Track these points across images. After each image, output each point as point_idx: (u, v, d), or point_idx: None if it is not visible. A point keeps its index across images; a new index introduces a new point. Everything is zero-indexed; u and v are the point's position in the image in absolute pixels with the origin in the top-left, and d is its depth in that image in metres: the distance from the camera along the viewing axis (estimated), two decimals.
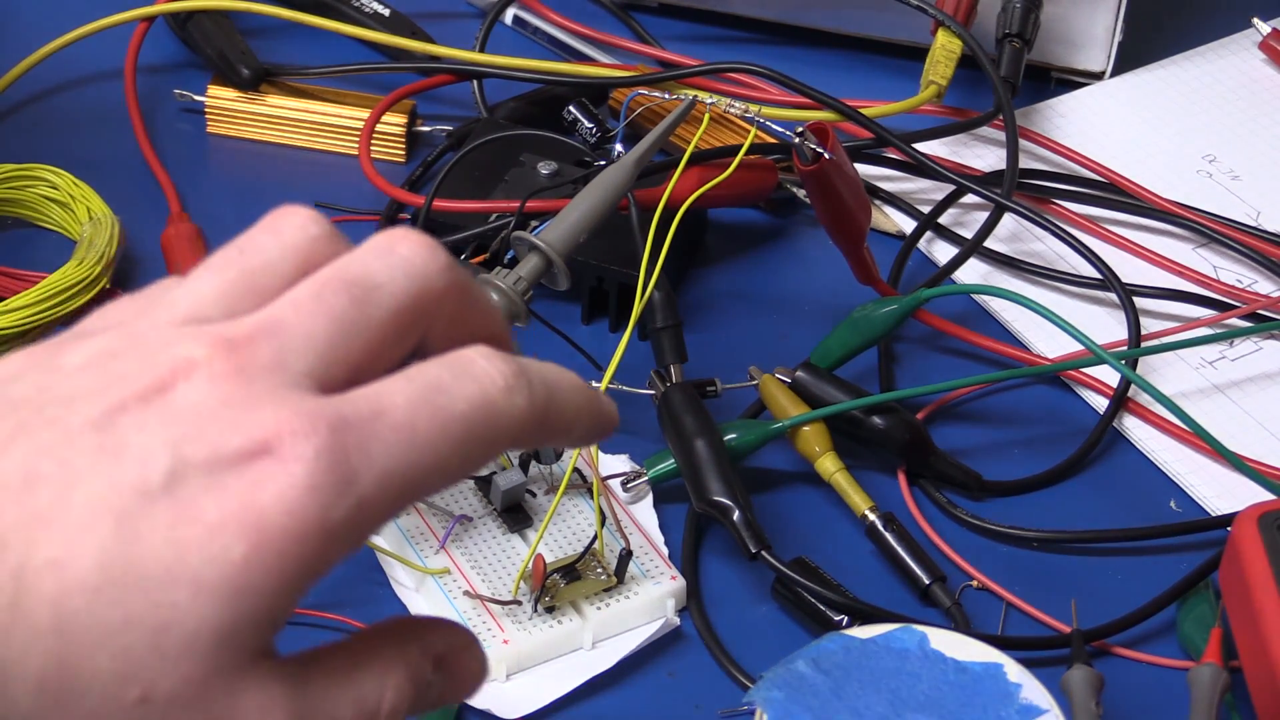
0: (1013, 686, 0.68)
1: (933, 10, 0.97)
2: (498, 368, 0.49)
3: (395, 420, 0.47)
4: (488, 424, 0.49)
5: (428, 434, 0.48)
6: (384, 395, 0.48)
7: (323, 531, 0.46)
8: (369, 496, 0.47)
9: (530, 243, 0.78)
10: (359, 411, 0.47)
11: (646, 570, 0.78)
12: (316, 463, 0.46)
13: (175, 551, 0.45)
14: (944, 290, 0.89)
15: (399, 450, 0.47)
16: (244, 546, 0.45)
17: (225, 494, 0.45)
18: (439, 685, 0.52)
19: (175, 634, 0.45)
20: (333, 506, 0.46)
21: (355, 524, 0.47)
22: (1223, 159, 1.00)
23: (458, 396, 0.48)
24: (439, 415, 0.48)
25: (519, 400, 0.49)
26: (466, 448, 0.49)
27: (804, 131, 0.82)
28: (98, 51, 1.00)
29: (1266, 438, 0.86)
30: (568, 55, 1.03)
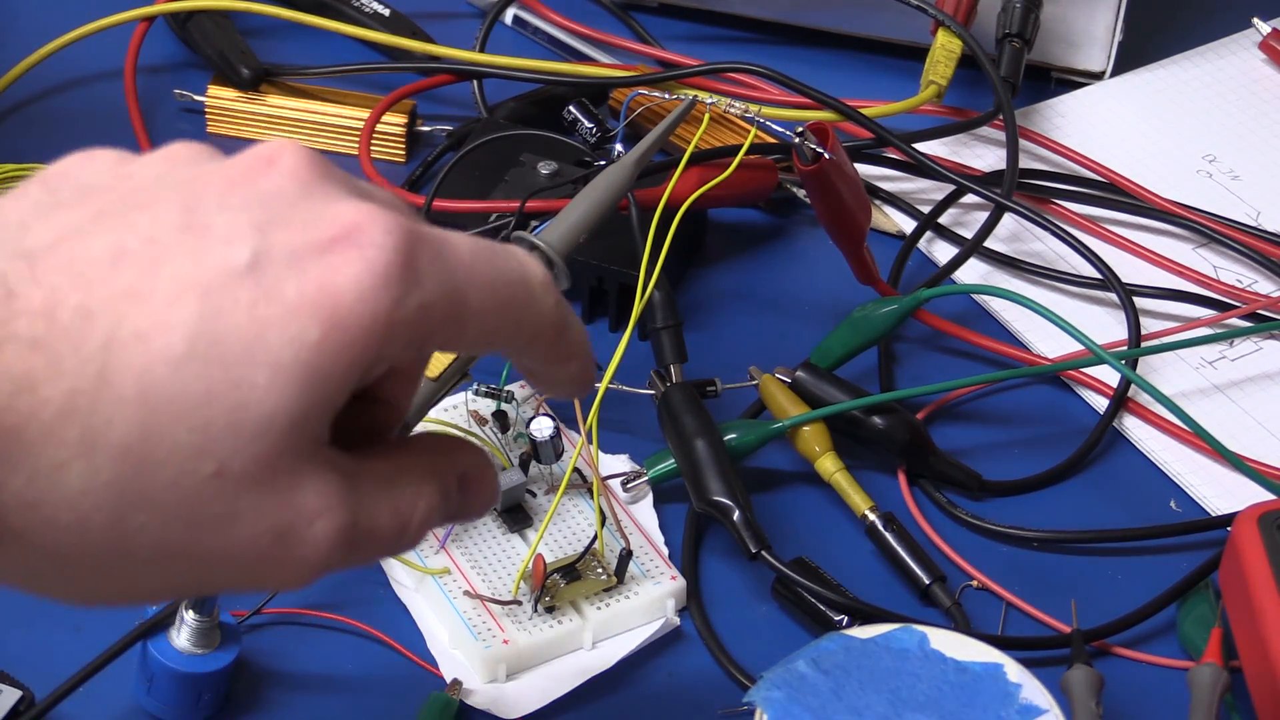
0: (1013, 686, 0.68)
1: (933, 10, 0.97)
2: (536, 265, 0.53)
3: (458, 252, 0.50)
4: (526, 300, 0.52)
5: (483, 275, 0.51)
6: (451, 235, 0.51)
7: (389, 323, 0.48)
8: (430, 301, 0.49)
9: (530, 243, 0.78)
10: (432, 232, 0.50)
11: (646, 570, 0.78)
12: (395, 255, 0.48)
13: (256, 330, 0.47)
14: (944, 290, 0.89)
15: (457, 275, 0.50)
16: (319, 329, 0.47)
17: (305, 276, 0.47)
18: (457, 501, 0.54)
19: (253, 414, 0.47)
20: (399, 301, 0.48)
21: (416, 324, 0.49)
22: (1223, 159, 1.00)
23: (508, 264, 0.52)
24: (492, 267, 0.51)
25: (551, 296, 0.53)
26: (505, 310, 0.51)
27: (804, 131, 0.82)
28: (98, 51, 0.99)
29: (1266, 438, 0.86)
30: (568, 55, 1.03)
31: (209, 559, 0.48)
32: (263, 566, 0.49)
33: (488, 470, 0.55)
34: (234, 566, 0.49)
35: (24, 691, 0.72)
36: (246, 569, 0.49)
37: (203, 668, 0.72)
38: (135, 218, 0.48)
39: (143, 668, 0.72)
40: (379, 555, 0.52)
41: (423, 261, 0.49)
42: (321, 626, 0.77)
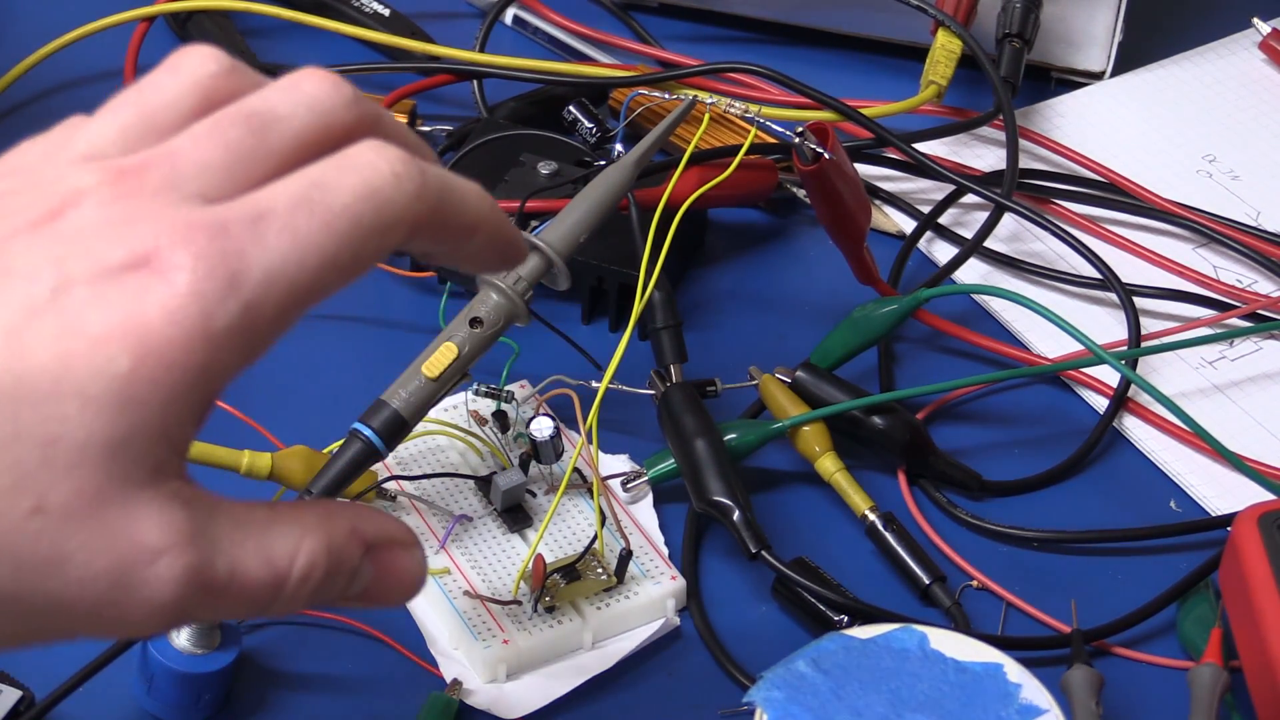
0: (1013, 686, 0.68)
1: (933, 10, 0.97)
2: (385, 157, 0.49)
3: (276, 222, 0.48)
4: (375, 213, 0.49)
5: (309, 231, 0.48)
6: (265, 199, 0.48)
7: (208, 337, 0.46)
8: (255, 300, 0.47)
9: (530, 243, 0.78)
10: (239, 216, 0.47)
11: (646, 570, 0.78)
12: (195, 270, 0.46)
13: (61, 364, 0.45)
14: (944, 290, 0.89)
15: (281, 250, 0.47)
16: (129, 358, 0.46)
17: (109, 306, 0.46)
18: (366, 576, 0.51)
19: (64, 446, 0.45)
20: (216, 312, 0.46)
21: (244, 328, 0.47)
22: (1223, 159, 1.00)
23: (340, 189, 0.49)
24: (320, 210, 0.48)
25: (407, 187, 0.49)
26: (355, 240, 0.49)
27: (804, 131, 0.82)
28: (98, 51, 0.99)
29: (1266, 438, 0.86)
30: (568, 55, 1.03)
31: (46, 606, 0.46)
32: (106, 611, 0.47)
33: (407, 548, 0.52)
34: (75, 613, 0.47)
35: (24, 691, 0.72)
36: (89, 615, 0.47)
37: (203, 668, 0.72)
38: None
39: (143, 668, 0.72)
40: (253, 609, 0.49)
41: (233, 261, 0.47)
42: (321, 626, 0.77)
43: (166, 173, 0.48)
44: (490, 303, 0.76)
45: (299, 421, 0.83)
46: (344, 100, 0.51)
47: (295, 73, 0.51)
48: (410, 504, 0.79)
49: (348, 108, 0.51)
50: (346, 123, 0.51)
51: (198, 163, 0.49)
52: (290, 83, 0.51)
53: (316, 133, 0.50)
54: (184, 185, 0.48)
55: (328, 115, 0.50)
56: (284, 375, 0.86)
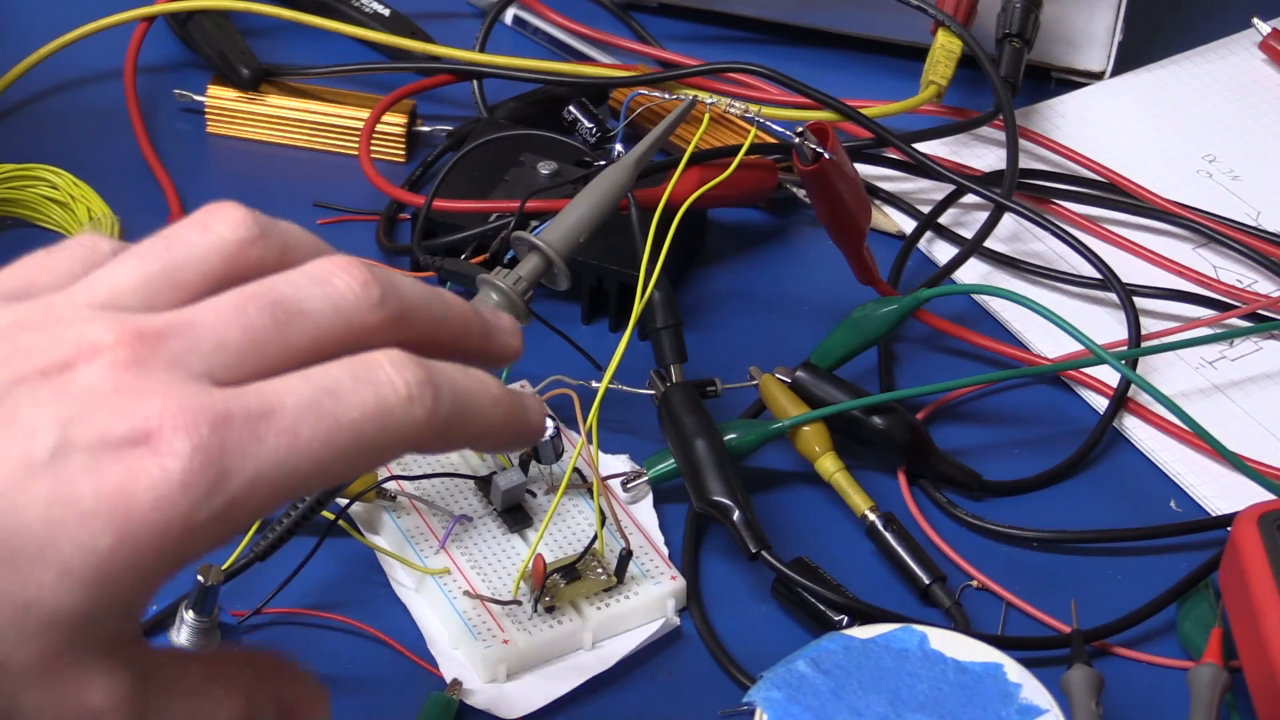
0: (1013, 686, 0.68)
1: (933, 10, 0.97)
2: (403, 375, 0.49)
3: (280, 423, 0.48)
4: (380, 432, 0.49)
5: (311, 440, 0.48)
6: (276, 394, 0.48)
7: (187, 528, 0.47)
8: (239, 497, 0.47)
9: (530, 243, 0.78)
10: (246, 408, 0.48)
11: (646, 570, 0.78)
12: (191, 460, 0.47)
13: (49, 532, 0.46)
14: (944, 290, 0.89)
15: (278, 454, 0.48)
16: (111, 538, 0.46)
17: (102, 479, 0.46)
18: None
19: (36, 612, 0.46)
20: (200, 505, 0.47)
21: (221, 522, 0.47)
22: (1223, 159, 1.00)
23: (351, 403, 0.49)
24: (326, 421, 0.48)
25: (418, 411, 0.50)
26: (353, 455, 0.49)
27: (804, 131, 0.82)
28: (98, 51, 1.00)
29: (1266, 438, 0.86)
30: (568, 55, 1.03)
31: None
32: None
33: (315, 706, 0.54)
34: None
35: None
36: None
37: None
38: None
39: None
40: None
41: (229, 457, 0.47)
42: (321, 626, 0.77)
43: (183, 345, 0.48)
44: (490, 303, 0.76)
45: None
46: (371, 302, 0.51)
47: (327, 261, 0.51)
48: (410, 504, 0.79)
49: (373, 310, 0.51)
50: (371, 325, 0.51)
51: (215, 341, 0.49)
52: (322, 275, 0.51)
53: (339, 331, 0.50)
54: (197, 362, 0.48)
55: (353, 317, 0.51)
56: None
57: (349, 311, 0.51)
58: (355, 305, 0.51)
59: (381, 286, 0.51)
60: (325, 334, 0.50)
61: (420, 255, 0.88)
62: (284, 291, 0.50)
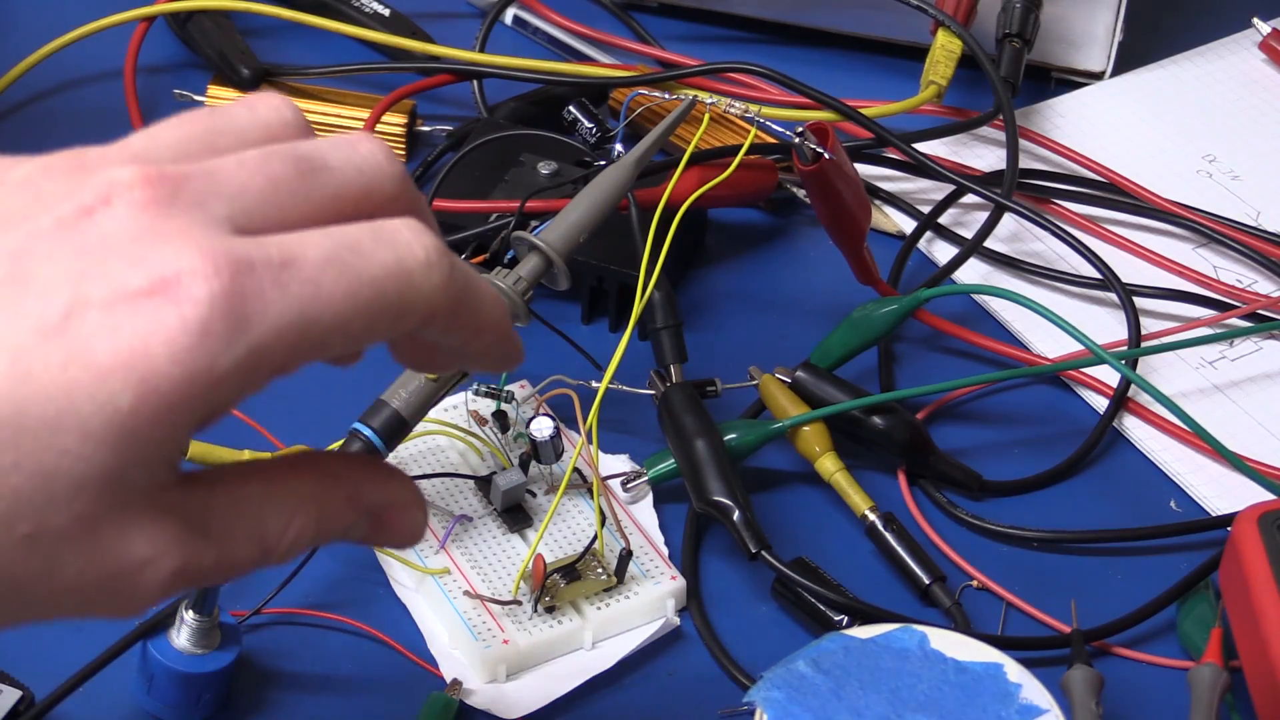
0: (1013, 686, 0.68)
1: (933, 10, 0.97)
2: (421, 241, 0.49)
3: (303, 272, 0.47)
4: (399, 293, 0.49)
5: (333, 291, 0.48)
6: (298, 245, 0.48)
7: (210, 378, 0.46)
8: (262, 344, 0.47)
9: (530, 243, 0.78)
10: (268, 256, 0.47)
11: (646, 570, 0.78)
12: (210, 307, 0.46)
13: (66, 396, 0.46)
14: (944, 290, 0.89)
15: (300, 301, 0.47)
16: (131, 395, 0.46)
17: (118, 335, 0.46)
18: (358, 532, 0.52)
19: (63, 479, 0.46)
20: (222, 353, 0.46)
21: (247, 370, 0.47)
22: (1223, 159, 1.00)
23: (373, 260, 0.49)
24: (348, 274, 0.48)
25: (435, 277, 0.50)
26: (372, 311, 0.49)
27: (804, 131, 0.82)
28: (98, 51, 1.00)
29: (1266, 438, 0.86)
30: (568, 55, 1.03)
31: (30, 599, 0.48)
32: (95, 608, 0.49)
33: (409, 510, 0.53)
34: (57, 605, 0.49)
35: (24, 691, 0.72)
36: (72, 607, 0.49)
37: (203, 668, 0.72)
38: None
39: (143, 668, 0.72)
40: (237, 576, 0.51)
41: (251, 302, 0.46)
42: (321, 626, 0.77)
43: (203, 188, 0.48)
44: None
45: (299, 421, 0.83)
46: (393, 172, 0.51)
47: (353, 133, 0.52)
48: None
49: (394, 180, 0.51)
50: (389, 193, 0.51)
51: (237, 186, 0.48)
52: (346, 140, 0.51)
53: (359, 192, 0.50)
54: (218, 205, 0.48)
55: (374, 180, 0.51)
56: None
57: (372, 175, 0.51)
58: (379, 171, 0.51)
59: (399, 164, 0.52)
60: (347, 192, 0.50)
61: None
62: (308, 149, 0.50)
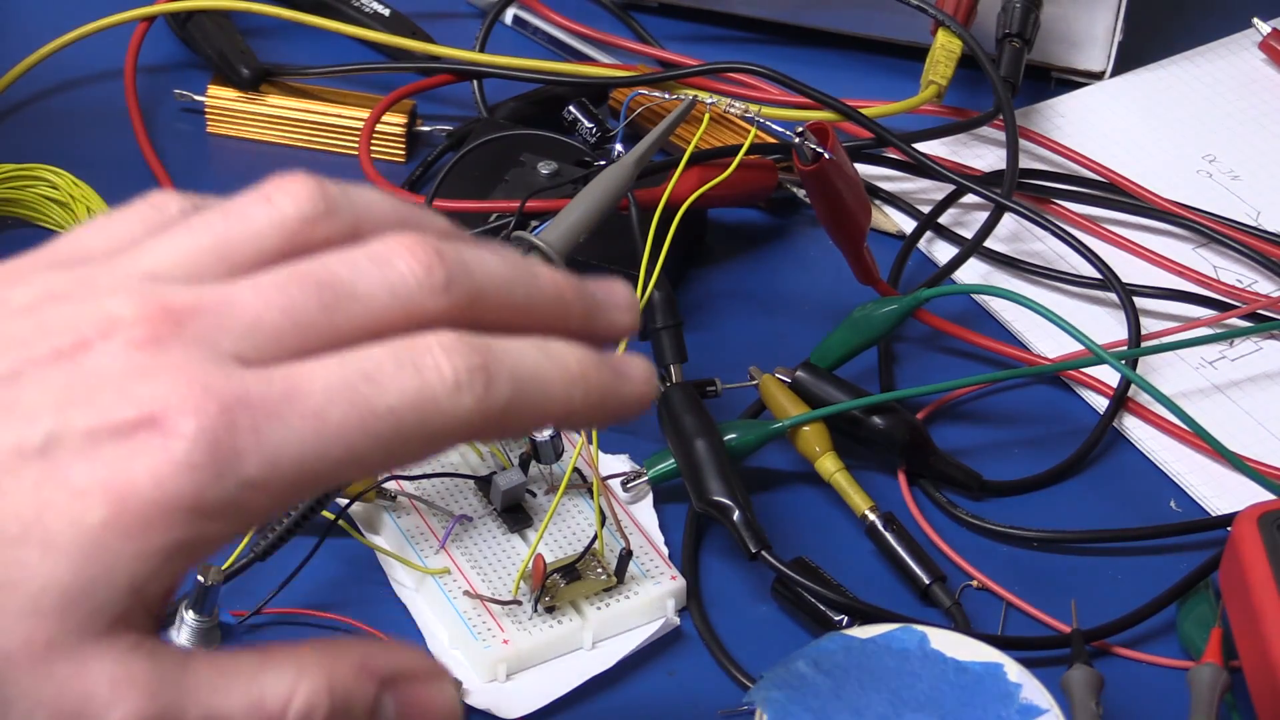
0: (1013, 686, 0.68)
1: (933, 10, 0.97)
2: (452, 361, 0.46)
3: (306, 405, 0.45)
4: (421, 422, 0.46)
5: (341, 425, 0.45)
6: (305, 377, 0.45)
7: (196, 509, 0.44)
8: (256, 479, 0.45)
9: (530, 243, 0.78)
10: (269, 390, 0.45)
11: (646, 570, 0.78)
12: (197, 441, 0.44)
13: (35, 512, 0.44)
14: (944, 290, 0.89)
15: (299, 437, 0.45)
16: (103, 512, 0.44)
17: (97, 463, 0.44)
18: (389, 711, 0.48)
19: (19, 592, 0.44)
20: (209, 486, 0.44)
21: (238, 505, 0.45)
22: (1223, 159, 1.00)
23: (389, 389, 0.46)
24: (360, 405, 0.45)
25: (466, 400, 0.46)
26: (391, 444, 0.46)
27: (804, 131, 0.82)
28: (98, 51, 0.99)
29: (1266, 438, 0.86)
30: (568, 55, 1.03)
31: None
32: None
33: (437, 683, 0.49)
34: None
35: None
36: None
37: None
38: None
39: None
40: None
41: (242, 438, 0.44)
42: (321, 626, 0.77)
43: (212, 324, 0.46)
44: None
45: None
46: (434, 288, 0.47)
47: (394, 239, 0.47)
48: (410, 504, 0.79)
49: (436, 295, 0.47)
50: (431, 312, 0.47)
51: (250, 320, 0.46)
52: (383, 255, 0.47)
53: (392, 318, 0.47)
54: (223, 341, 0.46)
55: (411, 303, 0.47)
56: None
57: (407, 297, 0.47)
58: (415, 291, 0.47)
59: (449, 269, 0.47)
60: (377, 320, 0.47)
61: None
62: (335, 271, 0.47)
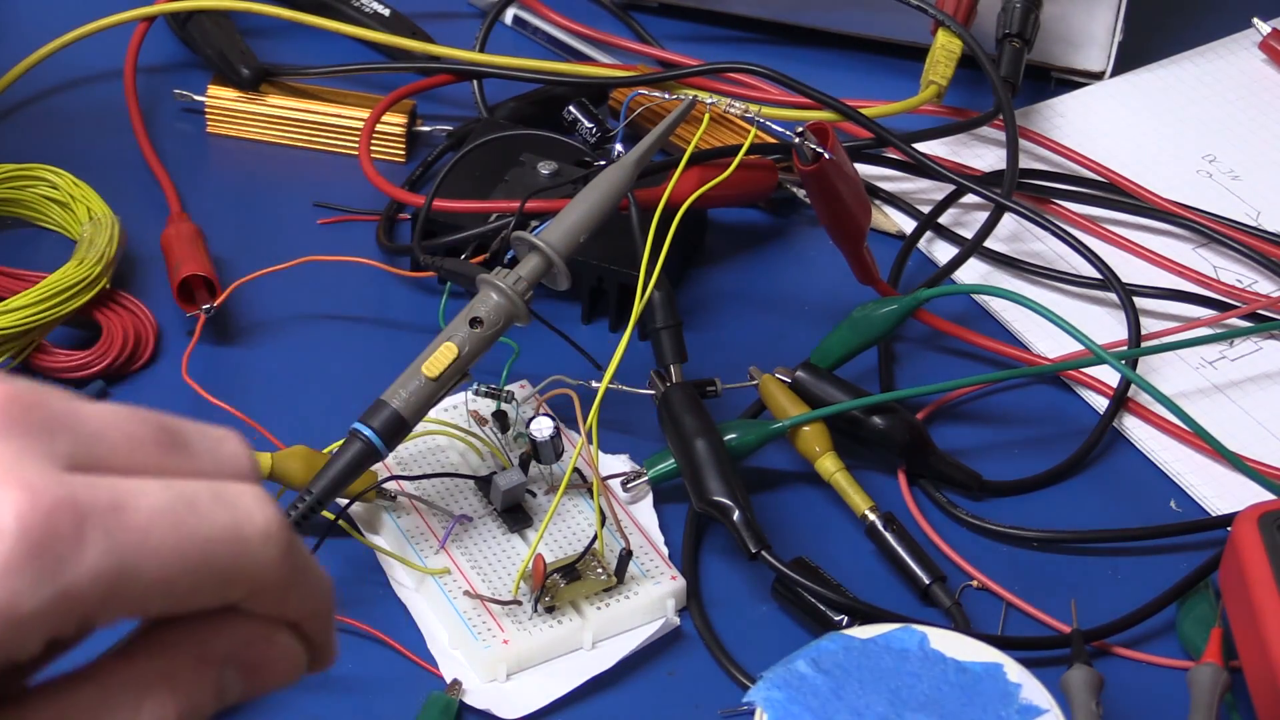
0: (1013, 686, 0.68)
1: (933, 10, 0.97)
2: (264, 512, 0.47)
3: (131, 519, 0.45)
4: (231, 558, 0.46)
5: (160, 544, 0.45)
6: (134, 492, 0.45)
7: (11, 616, 0.43)
8: (77, 589, 0.44)
9: (530, 243, 0.78)
10: (97, 499, 0.45)
11: (646, 570, 0.78)
12: (18, 544, 0.43)
13: None
14: (944, 290, 0.89)
15: (123, 549, 0.44)
16: None
17: None
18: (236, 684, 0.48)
19: None
20: (26, 593, 0.43)
21: (57, 613, 0.44)
22: (1223, 159, 1.00)
23: (210, 520, 0.46)
24: (181, 529, 0.45)
25: (272, 550, 0.47)
26: (200, 572, 0.46)
27: (804, 131, 0.82)
28: (98, 51, 1.00)
29: (1266, 438, 0.86)
30: (568, 55, 1.03)
31: None
32: None
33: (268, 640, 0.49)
34: None
35: None
36: None
37: None
38: None
39: None
40: None
41: (66, 545, 0.43)
42: None
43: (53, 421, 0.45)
44: (490, 303, 0.76)
45: (299, 421, 0.83)
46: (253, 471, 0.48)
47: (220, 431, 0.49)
48: (410, 504, 0.79)
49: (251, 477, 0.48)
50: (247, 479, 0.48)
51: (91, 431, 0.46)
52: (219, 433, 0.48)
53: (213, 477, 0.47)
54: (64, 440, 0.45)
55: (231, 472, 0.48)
56: (284, 375, 0.86)
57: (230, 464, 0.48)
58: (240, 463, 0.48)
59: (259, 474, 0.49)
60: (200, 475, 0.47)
61: (420, 255, 0.88)
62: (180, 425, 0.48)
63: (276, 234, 0.93)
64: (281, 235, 0.93)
